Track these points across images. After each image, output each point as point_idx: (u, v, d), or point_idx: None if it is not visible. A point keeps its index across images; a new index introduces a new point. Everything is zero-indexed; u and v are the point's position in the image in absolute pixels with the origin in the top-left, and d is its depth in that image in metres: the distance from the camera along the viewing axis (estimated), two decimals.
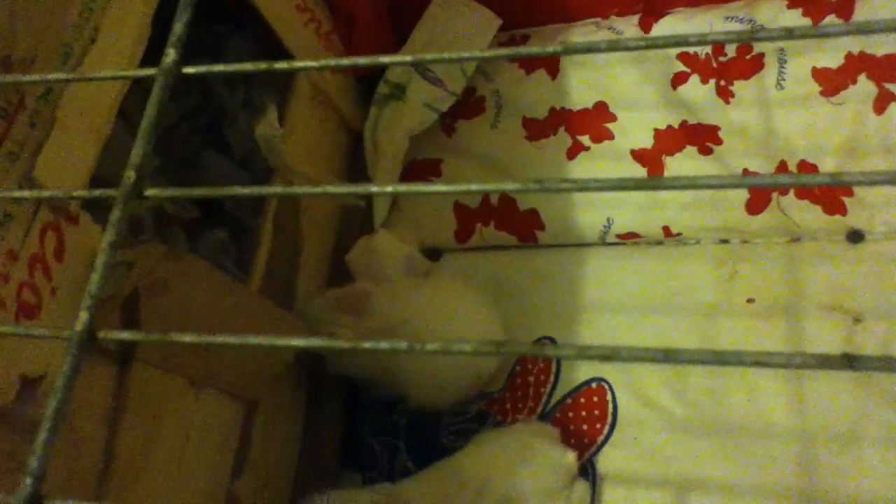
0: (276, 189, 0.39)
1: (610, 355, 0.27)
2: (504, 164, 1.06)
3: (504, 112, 1.07)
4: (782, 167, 0.96)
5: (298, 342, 0.29)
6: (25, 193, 0.44)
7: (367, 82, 1.09)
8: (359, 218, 1.06)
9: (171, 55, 0.33)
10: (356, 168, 1.09)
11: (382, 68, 1.08)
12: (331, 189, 0.30)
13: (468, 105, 1.08)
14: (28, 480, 0.27)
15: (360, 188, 0.30)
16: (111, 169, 0.64)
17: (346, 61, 0.32)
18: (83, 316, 0.29)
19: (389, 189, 0.31)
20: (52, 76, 0.51)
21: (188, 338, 0.29)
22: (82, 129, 0.60)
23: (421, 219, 1.07)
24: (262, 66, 0.32)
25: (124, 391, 0.64)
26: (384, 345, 0.28)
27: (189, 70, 0.33)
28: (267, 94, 0.96)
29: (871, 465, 0.84)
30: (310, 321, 0.89)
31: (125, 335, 0.29)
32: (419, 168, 1.09)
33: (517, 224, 1.04)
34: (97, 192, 0.32)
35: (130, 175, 0.32)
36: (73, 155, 0.59)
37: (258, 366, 0.78)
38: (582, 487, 0.86)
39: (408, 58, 0.38)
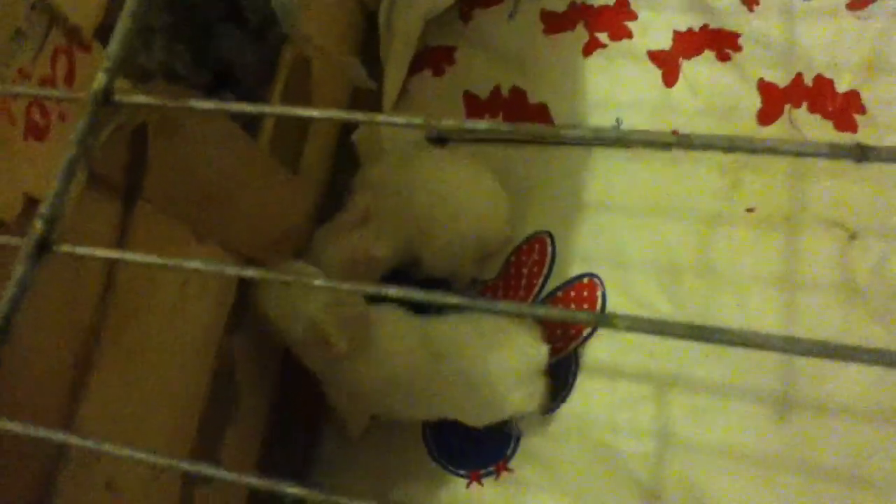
0: None
1: (622, 137, 0.27)
2: (518, 56, 1.04)
3: (523, 2, 1.05)
4: (798, 79, 0.95)
5: None
6: None
7: None
8: (369, 100, 1.05)
9: None
10: (369, 49, 1.07)
11: None
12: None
13: None
14: (39, 223, 0.27)
15: None
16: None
17: None
18: (101, 77, 0.29)
19: None
20: None
21: (208, 105, 0.29)
22: None
23: (430, 105, 1.06)
24: None
25: (128, 228, 0.65)
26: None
27: None
28: None
29: (849, 375, 0.86)
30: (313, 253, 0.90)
31: (141, 98, 0.30)
32: (432, 55, 1.08)
33: (526, 118, 1.03)
34: None
35: None
36: None
37: (261, 225, 0.79)
38: (543, 385, 0.87)
39: None
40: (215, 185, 0.70)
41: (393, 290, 0.27)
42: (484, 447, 0.91)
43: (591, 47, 1.02)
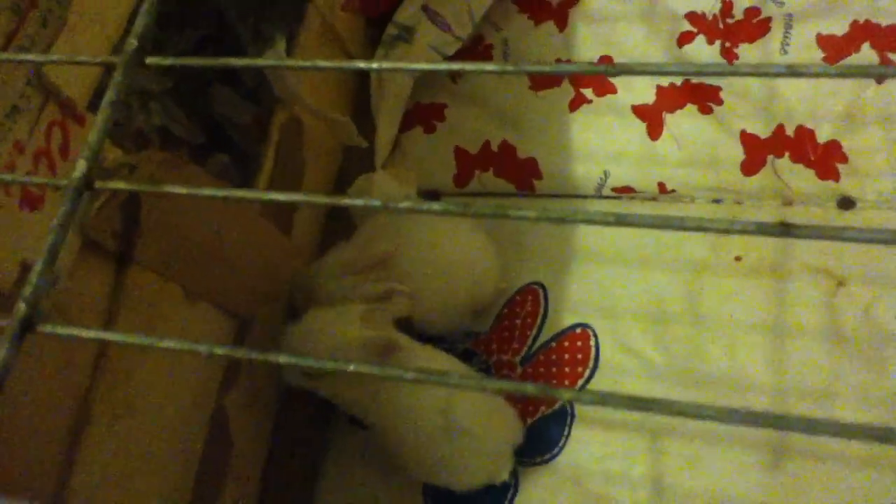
0: (269, 61, 0.40)
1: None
2: (507, 112, 1.07)
3: (510, 59, 1.08)
4: (780, 131, 0.97)
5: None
6: (31, 56, 0.46)
7: (377, 23, 1.10)
8: (361, 156, 1.07)
9: None
10: (361, 106, 1.10)
11: (392, 10, 1.09)
12: (321, 63, 0.32)
13: (476, 52, 1.10)
14: (23, 306, 0.29)
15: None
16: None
17: None
18: (81, 164, 0.31)
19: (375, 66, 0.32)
20: None
21: (180, 189, 0.30)
22: (93, 35, 0.62)
23: (421, 161, 1.08)
24: None
25: (120, 292, 0.66)
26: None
27: None
28: (277, 27, 0.97)
29: (843, 422, 0.86)
30: (307, 286, 0.90)
31: (120, 185, 0.31)
32: (423, 112, 1.10)
33: (516, 172, 1.06)
34: (100, 59, 0.34)
35: (132, 42, 0.33)
36: (84, 54, 0.61)
37: (253, 284, 0.80)
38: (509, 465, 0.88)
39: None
40: (207, 246, 0.72)
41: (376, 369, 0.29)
42: (484, 496, 0.91)
43: (577, 103, 1.05)
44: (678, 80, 1.01)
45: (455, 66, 0.31)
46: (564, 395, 0.26)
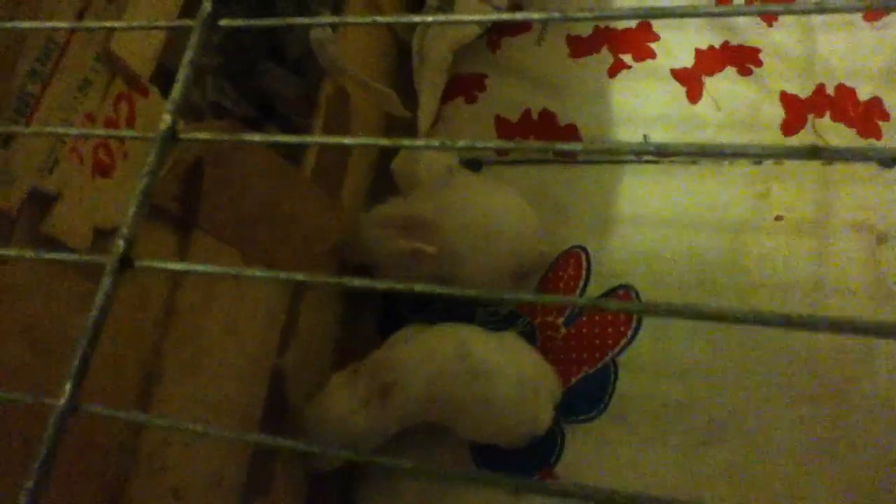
0: (329, 20, 0.42)
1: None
2: (546, 80, 1.09)
3: (549, 29, 1.10)
4: (820, 90, 0.98)
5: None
6: (111, 23, 0.49)
7: None
8: (404, 128, 1.10)
9: None
10: (403, 79, 1.13)
11: None
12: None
13: (514, 22, 1.11)
14: (120, 242, 0.32)
15: None
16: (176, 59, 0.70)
17: None
18: (166, 118, 0.35)
19: None
20: None
21: (258, 137, 0.34)
22: (154, 8, 0.65)
23: (463, 131, 1.11)
24: None
25: (183, 255, 0.70)
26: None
27: None
28: (322, 1, 1.00)
29: (883, 377, 0.87)
30: (354, 232, 0.94)
31: (202, 135, 0.35)
32: (464, 82, 1.13)
33: (556, 139, 1.07)
34: (177, 23, 0.37)
35: (207, 5, 0.36)
36: (145, 32, 0.64)
37: (304, 249, 0.84)
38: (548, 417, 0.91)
39: None
40: (263, 212, 0.75)
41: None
42: (529, 455, 0.94)
43: (616, 69, 1.06)
44: (717, 43, 1.02)
45: (505, 15, 0.33)
46: (608, 305, 0.28)
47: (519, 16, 0.34)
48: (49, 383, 0.55)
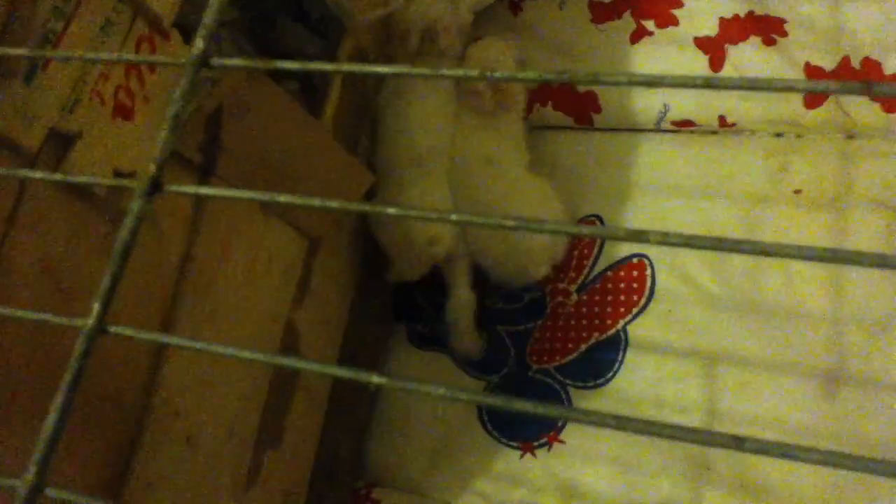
0: None
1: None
2: (568, 45, 1.08)
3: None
4: (845, 62, 0.96)
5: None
6: None
7: None
8: None
9: None
10: None
11: None
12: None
13: None
14: (152, 166, 0.32)
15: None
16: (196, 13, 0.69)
17: None
18: (199, 42, 0.34)
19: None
20: None
21: (290, 65, 0.33)
22: None
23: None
24: None
25: (203, 203, 0.70)
26: None
27: None
28: None
29: None
30: None
31: (237, 62, 0.34)
32: None
33: (574, 105, 1.07)
34: None
35: None
36: None
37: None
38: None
39: None
40: (282, 163, 0.75)
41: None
42: (536, 419, 0.94)
43: (638, 35, 1.05)
44: (742, 12, 1.00)
45: None
46: (649, 237, 0.27)
47: None
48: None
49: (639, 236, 0.28)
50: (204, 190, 0.34)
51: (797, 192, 0.96)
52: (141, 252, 0.63)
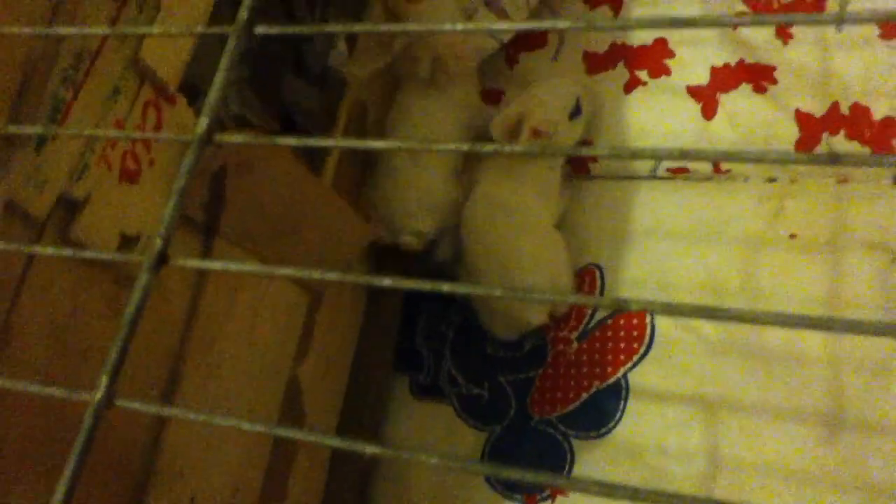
0: (366, 27, 0.43)
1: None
2: None
3: (565, 45, 1.11)
4: (834, 108, 0.98)
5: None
6: (149, 29, 0.50)
7: None
8: None
9: None
10: None
11: None
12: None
13: (531, 37, 1.13)
14: (158, 240, 0.33)
15: None
16: (200, 73, 0.71)
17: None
18: (203, 121, 0.35)
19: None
20: None
21: (291, 141, 0.34)
22: (183, 17, 0.66)
23: None
24: None
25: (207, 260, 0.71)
26: None
27: None
28: (342, 18, 1.01)
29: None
30: None
31: (239, 138, 0.36)
32: (483, 97, 1.14)
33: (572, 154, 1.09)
34: (215, 29, 0.38)
35: (243, 14, 0.38)
36: (174, 40, 0.65)
37: (324, 257, 0.85)
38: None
39: None
40: (283, 218, 0.76)
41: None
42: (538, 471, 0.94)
43: (631, 85, 1.07)
44: (732, 60, 1.03)
45: (527, 24, 0.34)
46: (630, 305, 0.29)
47: (546, 24, 0.34)
48: (76, 385, 0.56)
49: (621, 304, 0.29)
50: (208, 263, 0.36)
51: (793, 236, 0.97)
52: (147, 310, 0.64)
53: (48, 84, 0.56)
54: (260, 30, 0.38)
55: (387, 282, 0.32)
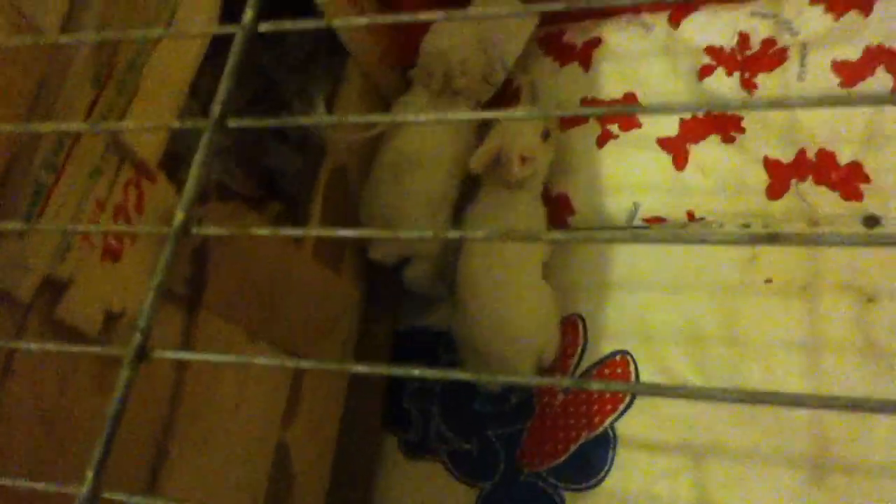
0: (334, 118, 0.45)
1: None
2: None
3: (538, 102, 1.14)
4: (801, 155, 1.01)
5: None
6: (128, 125, 0.52)
7: None
8: None
9: (248, 14, 0.41)
10: None
11: None
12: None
13: (506, 95, 1.15)
14: (137, 335, 0.34)
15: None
16: (183, 143, 0.73)
17: (388, 18, 0.39)
18: (180, 215, 0.37)
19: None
20: (148, 32, 0.59)
21: (264, 231, 0.36)
22: (161, 98, 0.68)
23: None
24: (324, 23, 0.40)
25: (191, 334, 0.72)
26: None
27: (264, 27, 0.41)
28: (321, 81, 1.04)
29: (880, 436, 0.88)
30: None
31: (216, 230, 0.37)
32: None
33: (550, 209, 1.10)
34: (189, 123, 0.40)
35: (217, 109, 0.39)
36: (153, 120, 0.67)
37: (307, 323, 0.86)
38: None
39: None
40: (266, 288, 0.77)
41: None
42: None
43: (604, 138, 1.10)
44: (700, 114, 1.06)
45: (488, 114, 0.36)
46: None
47: (519, 113, 0.36)
48: (62, 466, 0.56)
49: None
50: (189, 355, 0.37)
51: (768, 281, 0.99)
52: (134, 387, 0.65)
53: (31, 170, 0.58)
54: (232, 124, 0.39)
55: (361, 368, 0.33)
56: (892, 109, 0.99)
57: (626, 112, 0.37)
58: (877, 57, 1.00)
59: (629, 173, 1.08)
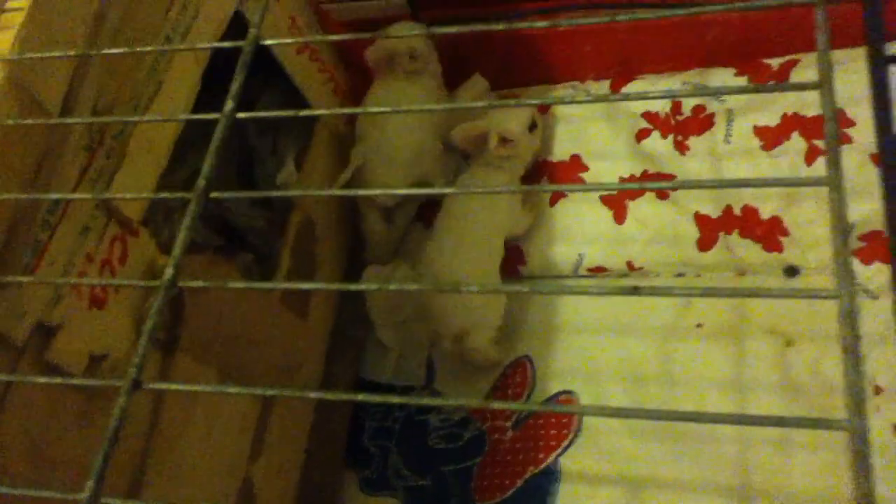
0: (310, 192, 0.53)
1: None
2: None
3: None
4: (728, 211, 1.11)
5: None
6: (125, 196, 0.60)
7: None
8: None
9: (229, 104, 0.49)
10: None
11: None
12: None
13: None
14: (133, 370, 0.42)
15: None
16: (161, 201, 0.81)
17: (355, 109, 0.47)
18: (168, 271, 0.45)
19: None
20: (128, 118, 0.68)
21: (241, 285, 0.44)
22: (146, 161, 0.77)
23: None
24: (293, 113, 0.48)
25: (166, 374, 0.79)
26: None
27: (242, 115, 0.50)
28: (292, 141, 1.13)
29: (798, 466, 0.97)
30: None
31: (199, 283, 0.45)
32: (420, 209, 1.25)
33: (505, 260, 1.19)
34: (179, 195, 0.48)
35: (202, 182, 0.48)
36: (139, 181, 0.75)
37: (275, 365, 0.93)
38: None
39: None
40: (238, 333, 0.85)
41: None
42: None
43: (555, 197, 1.19)
44: (638, 171, 1.16)
45: (435, 191, 0.45)
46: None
47: (453, 190, 0.45)
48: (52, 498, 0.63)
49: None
50: (175, 385, 0.44)
51: (699, 325, 1.08)
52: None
53: (32, 228, 0.65)
54: (214, 195, 0.48)
55: (328, 395, 0.41)
56: (807, 169, 1.10)
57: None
58: (793, 123, 1.11)
59: (576, 227, 1.17)
